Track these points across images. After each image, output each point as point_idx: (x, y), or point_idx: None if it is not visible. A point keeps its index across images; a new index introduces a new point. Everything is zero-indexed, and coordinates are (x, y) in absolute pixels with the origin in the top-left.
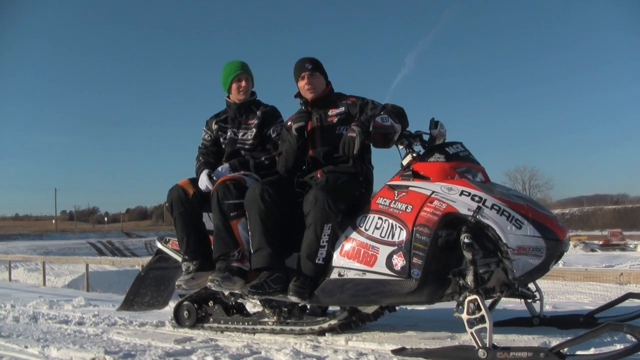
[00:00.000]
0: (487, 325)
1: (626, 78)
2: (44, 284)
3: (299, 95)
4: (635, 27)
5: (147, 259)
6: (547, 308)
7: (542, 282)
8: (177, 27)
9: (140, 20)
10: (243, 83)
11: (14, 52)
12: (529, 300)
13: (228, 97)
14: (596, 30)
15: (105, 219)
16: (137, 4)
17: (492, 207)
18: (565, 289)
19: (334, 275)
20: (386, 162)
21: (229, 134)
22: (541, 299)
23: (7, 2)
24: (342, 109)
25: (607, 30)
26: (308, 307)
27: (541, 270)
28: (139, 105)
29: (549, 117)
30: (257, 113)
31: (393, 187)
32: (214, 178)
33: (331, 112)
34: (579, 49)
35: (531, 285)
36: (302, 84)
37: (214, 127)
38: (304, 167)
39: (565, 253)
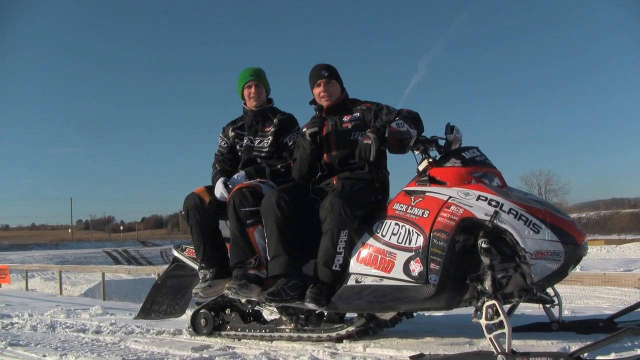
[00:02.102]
0: (505, 330)
1: None
2: (61, 292)
3: (313, 102)
4: None
5: (163, 268)
6: (566, 313)
7: (560, 287)
8: (190, 34)
9: (149, 30)
10: (253, 90)
11: (21, 65)
12: (548, 305)
13: (244, 104)
14: (610, 34)
15: (121, 227)
16: (145, 14)
17: (509, 212)
18: (583, 294)
19: (351, 281)
20: (402, 168)
21: (245, 141)
22: (560, 304)
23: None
24: (356, 114)
25: (621, 33)
26: (325, 314)
27: (559, 274)
28: (153, 113)
29: (564, 121)
30: (274, 121)
31: (409, 193)
32: (230, 186)
33: (346, 118)
34: (596, 50)
35: (549, 290)
36: (318, 91)
37: (231, 134)
38: (319, 173)
39: (583, 257)
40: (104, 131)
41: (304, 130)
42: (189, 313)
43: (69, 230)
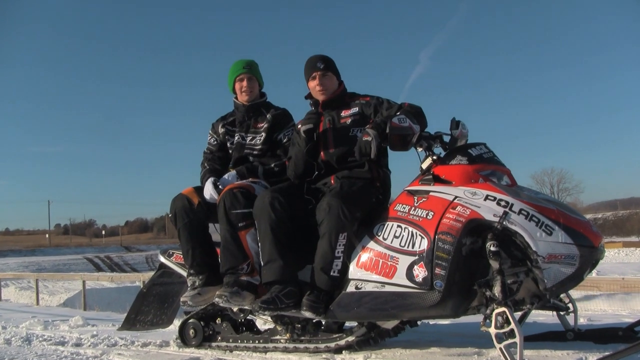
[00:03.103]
0: (517, 339)
1: None
2: (37, 303)
3: (309, 96)
4: None
5: (149, 275)
6: (582, 321)
7: (575, 293)
8: (176, 38)
9: (134, 36)
10: (245, 83)
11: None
12: (562, 313)
13: (236, 98)
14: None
15: (103, 232)
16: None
17: (519, 212)
18: (600, 300)
19: (350, 288)
20: (404, 166)
21: (236, 138)
22: (575, 311)
23: None
24: (355, 109)
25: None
26: (323, 323)
27: (574, 279)
28: (137, 109)
29: (578, 117)
30: (267, 116)
31: (412, 193)
32: (220, 186)
33: (344, 113)
34: (616, 46)
35: (564, 296)
36: (313, 84)
37: (221, 130)
38: (316, 172)
39: (600, 261)
40: (84, 129)
41: (299, 126)
42: (176, 323)
43: (47, 235)
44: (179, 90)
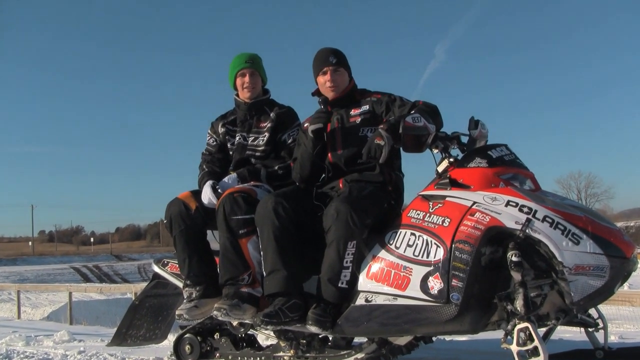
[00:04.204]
0: (541, 358)
1: None
2: (19, 316)
3: (317, 92)
4: None
5: (141, 286)
6: (613, 338)
7: (605, 308)
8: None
9: (116, 34)
10: (247, 79)
11: None
12: (591, 329)
13: (237, 95)
14: None
15: (92, 239)
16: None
17: (544, 220)
18: (633, 316)
19: (359, 301)
20: (419, 169)
21: (237, 138)
22: (605, 328)
23: None
24: (365, 107)
25: None
26: (330, 338)
27: (604, 293)
28: (129, 106)
29: (609, 116)
30: (271, 115)
31: (427, 198)
32: (220, 190)
33: (353, 111)
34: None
35: (592, 312)
36: (324, 80)
37: (221, 130)
38: (324, 175)
39: (632, 273)
40: (72, 128)
41: (306, 125)
42: (171, 339)
43: (30, 243)
44: (178, 86)
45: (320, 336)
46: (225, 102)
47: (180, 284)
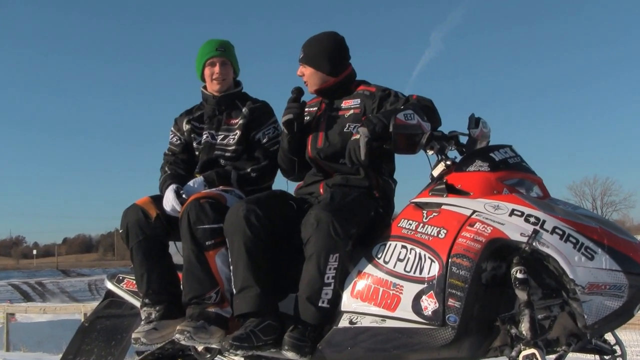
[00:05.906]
0: None
1: None
2: None
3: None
4: None
5: (92, 305)
6: None
7: (622, 333)
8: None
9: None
10: (217, 69)
11: None
12: (607, 357)
13: (205, 87)
14: None
15: (34, 252)
16: None
17: (553, 231)
18: None
19: (343, 322)
20: (411, 173)
21: (204, 136)
22: (623, 355)
23: None
24: (357, 100)
25: None
26: None
27: (622, 315)
28: (80, 91)
29: (626, 114)
30: (243, 110)
31: (421, 206)
32: (184, 196)
33: (345, 104)
34: None
35: (609, 337)
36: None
37: (185, 127)
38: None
39: None
40: (12, 120)
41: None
42: None
43: None
44: (137, 69)
45: None
46: (191, 95)
47: (137, 303)
